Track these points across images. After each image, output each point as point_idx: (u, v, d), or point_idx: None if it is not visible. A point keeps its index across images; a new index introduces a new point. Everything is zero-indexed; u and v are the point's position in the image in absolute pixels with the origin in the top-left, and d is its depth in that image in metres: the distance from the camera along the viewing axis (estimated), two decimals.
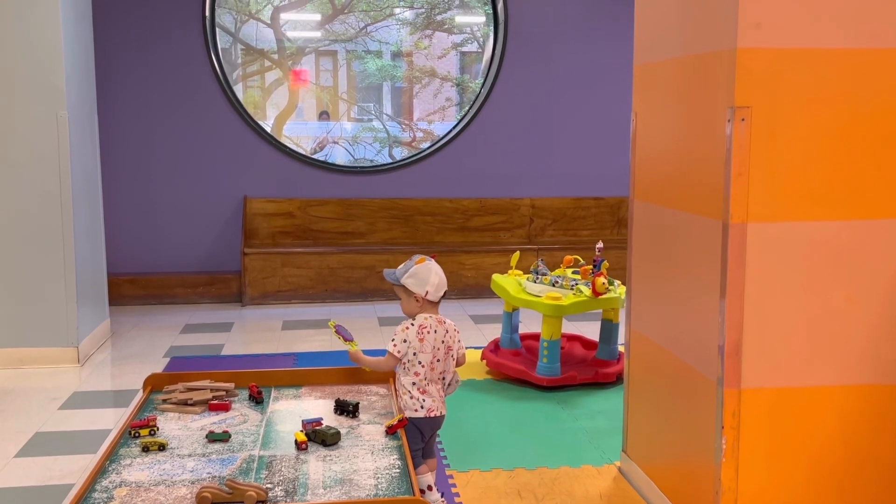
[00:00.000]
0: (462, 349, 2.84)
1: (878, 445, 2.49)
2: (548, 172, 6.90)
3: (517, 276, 4.68)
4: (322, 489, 2.27)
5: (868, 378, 2.46)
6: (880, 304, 2.44)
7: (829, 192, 2.40)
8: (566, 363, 4.42)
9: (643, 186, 3.10)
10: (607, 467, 3.30)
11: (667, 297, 2.88)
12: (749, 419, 2.43)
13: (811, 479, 2.48)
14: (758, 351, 2.42)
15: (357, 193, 6.72)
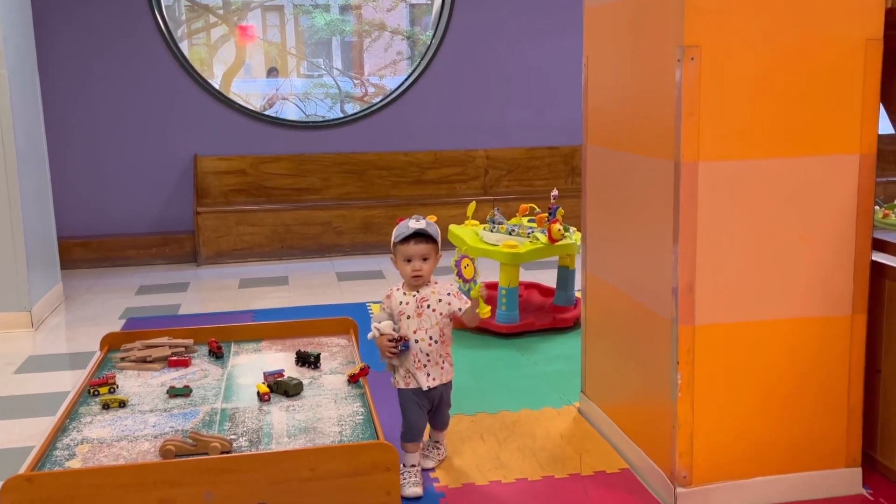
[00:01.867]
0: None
1: (827, 375, 2.57)
2: (501, 123, 6.90)
3: (474, 226, 4.70)
4: (286, 438, 2.29)
5: (817, 311, 2.53)
6: (828, 238, 2.51)
7: (778, 129, 2.44)
8: (524, 310, 4.47)
9: (596, 131, 3.12)
10: (567, 408, 3.37)
11: (621, 239, 2.91)
12: (703, 355, 2.49)
13: (763, 410, 2.55)
14: (711, 288, 2.47)
15: (310, 149, 6.66)
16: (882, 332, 2.67)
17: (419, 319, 2.56)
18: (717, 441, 2.54)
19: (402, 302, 2.57)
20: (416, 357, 2.56)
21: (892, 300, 2.62)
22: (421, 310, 2.56)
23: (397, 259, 2.58)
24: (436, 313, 2.57)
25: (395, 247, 2.57)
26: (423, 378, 2.58)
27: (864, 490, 2.63)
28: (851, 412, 2.60)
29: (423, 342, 2.56)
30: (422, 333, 2.56)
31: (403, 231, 2.54)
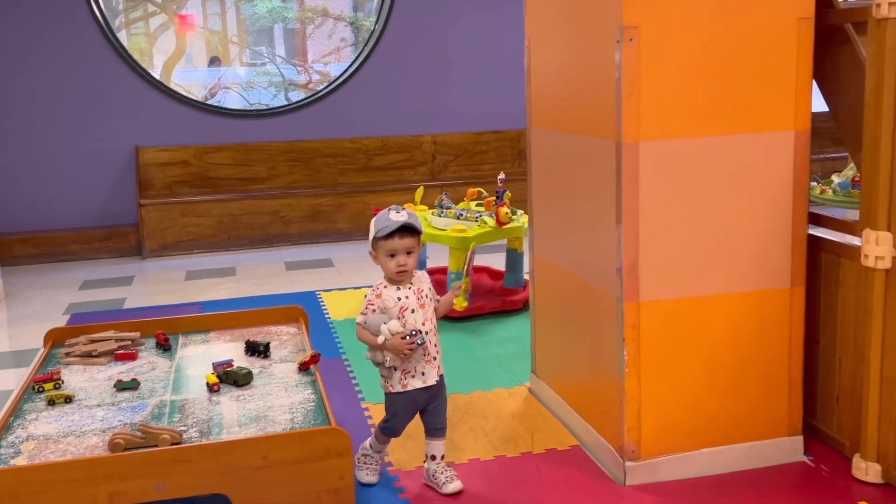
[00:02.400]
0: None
1: (768, 347, 2.64)
2: (448, 108, 6.91)
3: (422, 211, 4.71)
4: (237, 427, 2.28)
5: (757, 284, 2.60)
6: (766, 214, 2.57)
7: (716, 108, 2.49)
8: (474, 294, 4.50)
9: (539, 114, 3.15)
10: (518, 389, 3.40)
11: (567, 220, 2.95)
12: (648, 331, 2.54)
13: (708, 383, 2.61)
14: (654, 266, 2.52)
15: (254, 138, 6.59)
16: (820, 303, 2.75)
17: (423, 311, 2.45)
18: (663, 415, 2.59)
19: (401, 297, 2.42)
20: (427, 350, 2.45)
21: (829, 272, 2.70)
22: (422, 300, 2.46)
23: (378, 254, 2.42)
24: (432, 302, 2.50)
25: (377, 242, 2.39)
26: (433, 371, 2.48)
27: (805, 457, 2.71)
28: (792, 382, 2.67)
29: (432, 333, 2.47)
30: (429, 325, 2.47)
31: (386, 225, 2.37)
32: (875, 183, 2.41)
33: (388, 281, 2.44)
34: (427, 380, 2.46)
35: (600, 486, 2.60)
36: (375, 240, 2.40)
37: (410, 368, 2.44)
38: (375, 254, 2.43)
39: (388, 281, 2.44)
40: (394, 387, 2.47)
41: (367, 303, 2.44)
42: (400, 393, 2.47)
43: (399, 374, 2.44)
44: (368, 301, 2.44)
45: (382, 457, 2.64)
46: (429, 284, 2.49)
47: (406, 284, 2.44)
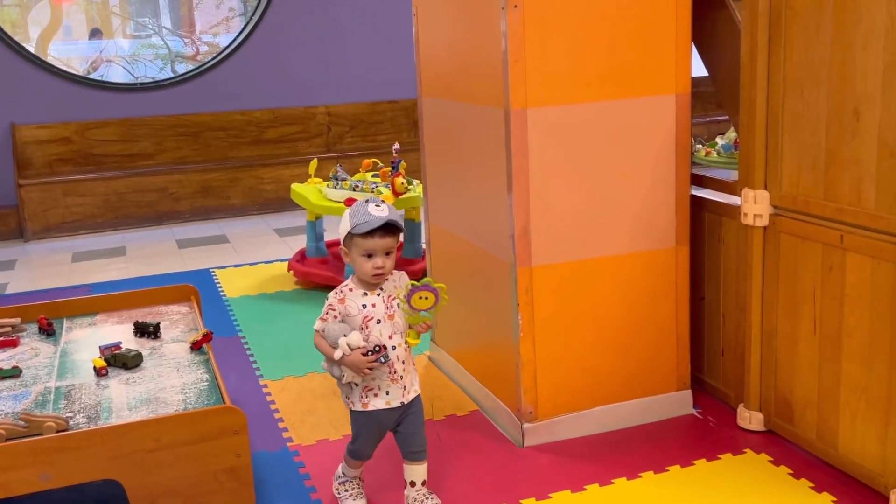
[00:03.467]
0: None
1: (656, 306, 2.72)
2: (341, 78, 6.81)
3: (317, 184, 4.64)
4: (127, 411, 2.21)
5: (644, 245, 2.67)
6: (651, 176, 2.63)
7: (600, 73, 2.53)
8: None
9: (429, 82, 3.14)
10: (418, 358, 3.41)
11: (460, 188, 2.96)
12: (541, 295, 2.58)
13: (599, 342, 2.68)
14: (545, 231, 2.55)
15: (140, 112, 6.35)
16: (704, 261, 2.85)
17: (391, 323, 2.11)
18: (558, 376, 2.65)
19: (367, 305, 2.10)
20: (392, 368, 2.12)
21: (712, 231, 2.80)
22: (392, 310, 2.11)
23: (352, 253, 2.11)
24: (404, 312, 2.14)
25: (352, 239, 2.08)
26: (398, 392, 2.14)
27: (693, 410, 2.82)
28: (680, 339, 2.77)
29: (400, 348, 2.12)
30: (397, 338, 2.12)
31: (366, 220, 2.05)
32: (752, 144, 2.50)
33: (356, 283, 2.13)
34: (391, 401, 2.14)
35: (500, 448, 2.65)
36: (351, 235, 2.08)
37: (373, 385, 2.12)
38: (347, 251, 2.12)
39: (358, 283, 2.13)
40: (354, 404, 2.16)
41: (327, 307, 2.13)
42: (361, 412, 2.16)
43: (360, 390, 2.13)
44: (329, 305, 2.13)
45: (361, 479, 2.36)
46: (405, 291, 2.10)
47: (375, 290, 2.12)
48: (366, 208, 2.07)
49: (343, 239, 2.13)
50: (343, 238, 2.13)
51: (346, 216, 2.12)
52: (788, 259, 2.45)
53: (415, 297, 2.05)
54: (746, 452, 2.54)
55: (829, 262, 2.30)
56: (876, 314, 2.17)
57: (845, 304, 2.26)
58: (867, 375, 2.22)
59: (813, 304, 2.37)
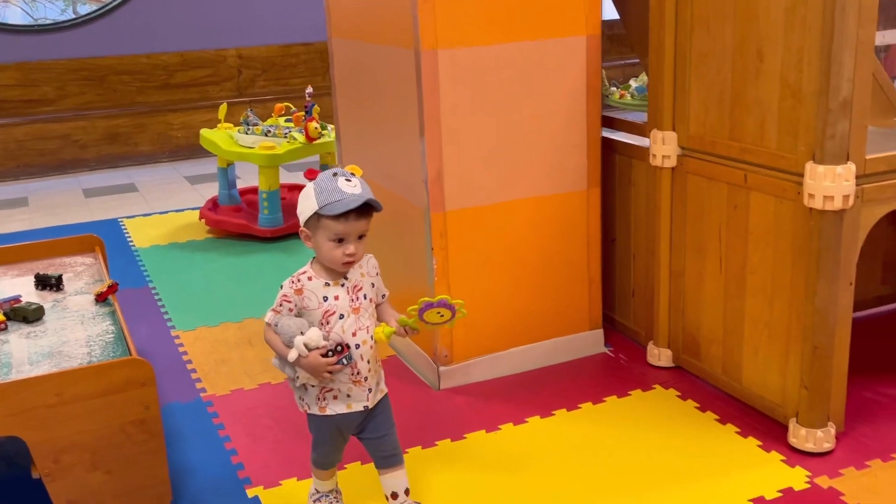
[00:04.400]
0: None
1: (569, 247, 2.75)
2: (253, 20, 6.59)
3: (227, 129, 4.52)
4: (28, 366, 2.13)
5: (556, 188, 2.68)
6: (562, 118, 2.64)
7: (510, 15, 2.50)
8: (289, 213, 4.40)
9: (339, 23, 3.06)
10: None
11: (373, 132, 2.91)
12: (455, 239, 2.58)
13: (514, 285, 2.70)
14: (458, 175, 2.54)
15: (40, 56, 6.05)
16: (615, 203, 2.89)
17: (357, 317, 1.82)
18: (474, 319, 2.66)
19: (329, 297, 1.80)
20: (356, 369, 1.83)
21: (623, 173, 2.83)
22: (357, 303, 1.83)
23: (317, 236, 1.77)
24: (371, 304, 1.87)
25: (320, 220, 1.74)
26: (362, 395, 1.86)
27: (606, 348, 2.88)
28: (592, 280, 2.81)
29: (366, 346, 1.83)
30: (363, 335, 1.82)
31: (339, 200, 1.72)
32: (660, 85, 2.51)
33: (317, 271, 1.81)
34: (352, 405, 1.86)
35: (417, 392, 2.66)
36: (318, 216, 1.74)
37: (332, 387, 1.84)
38: (310, 233, 1.79)
39: (319, 271, 1.81)
40: (309, 407, 1.88)
41: (281, 297, 1.82)
42: (318, 416, 1.89)
43: (316, 391, 1.85)
44: (283, 296, 1.81)
45: (338, 492, 2.08)
46: (373, 278, 1.88)
47: (339, 279, 1.81)
48: (335, 184, 1.73)
49: (305, 220, 1.77)
50: (305, 218, 1.77)
51: (309, 192, 1.76)
52: (695, 199, 2.49)
53: (430, 312, 1.80)
54: (655, 388, 2.61)
55: (733, 201, 2.35)
56: (778, 252, 2.23)
57: (749, 242, 2.32)
58: (769, 311, 2.30)
59: (718, 243, 2.43)
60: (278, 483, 2.21)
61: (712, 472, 2.17)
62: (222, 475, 2.26)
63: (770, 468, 2.18)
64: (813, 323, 2.15)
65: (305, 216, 1.77)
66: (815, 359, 2.17)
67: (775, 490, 2.08)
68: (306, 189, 1.77)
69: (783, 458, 2.21)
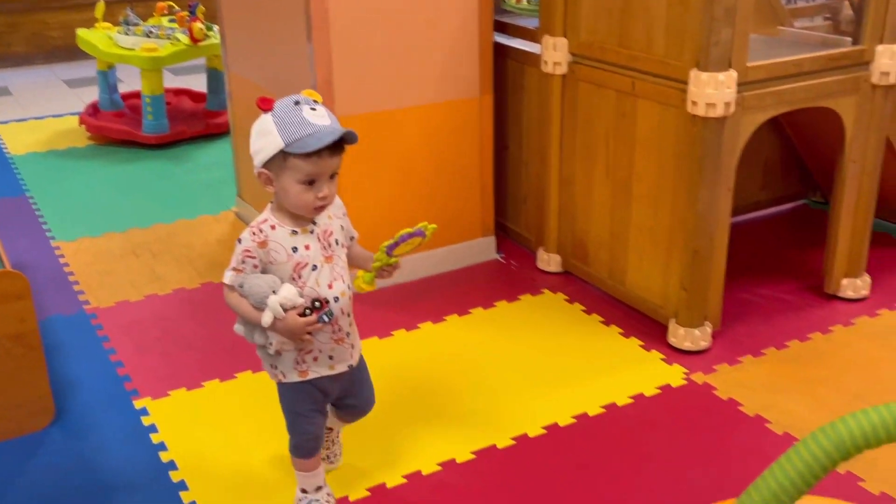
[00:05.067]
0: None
1: (460, 154, 2.74)
2: None
3: (106, 29, 4.27)
4: None
5: (448, 94, 2.65)
6: (454, 24, 2.59)
7: None
8: (175, 119, 4.23)
9: None
10: (224, 214, 3.31)
11: (259, 36, 2.80)
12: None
13: (406, 192, 2.68)
14: (348, 81, 2.48)
15: None
16: (507, 110, 2.88)
17: (331, 266, 1.58)
18: (365, 226, 2.60)
19: (299, 247, 1.54)
20: (336, 325, 1.60)
21: (515, 80, 2.82)
22: (330, 251, 1.58)
23: (281, 178, 1.51)
24: (343, 250, 1.63)
25: (286, 159, 1.49)
26: (344, 354, 1.64)
27: (497, 255, 2.92)
28: (484, 187, 2.82)
29: (344, 298, 1.59)
30: (340, 286, 1.58)
31: (309, 134, 1.47)
32: None
33: (281, 218, 1.56)
34: (335, 365, 1.64)
35: None
36: (285, 155, 1.48)
37: (312, 348, 1.61)
38: (272, 175, 1.52)
39: (283, 218, 1.56)
40: (286, 374, 1.62)
41: (242, 253, 1.54)
42: (294, 385, 1.63)
43: (293, 355, 1.61)
44: (245, 251, 1.54)
45: (330, 492, 1.78)
46: (340, 220, 1.64)
47: (306, 226, 1.57)
48: (300, 115, 1.48)
49: (266, 159, 1.50)
50: (266, 158, 1.50)
51: (267, 126, 1.49)
52: (585, 107, 2.51)
53: (402, 246, 1.61)
54: (544, 293, 2.67)
55: (621, 108, 2.38)
56: (662, 159, 2.28)
57: (635, 149, 2.37)
58: (653, 217, 2.36)
59: (606, 150, 2.47)
60: (166, 394, 2.18)
61: (596, 372, 2.26)
62: (108, 388, 2.21)
63: (650, 366, 2.28)
64: (693, 227, 2.22)
65: (266, 155, 1.50)
66: (694, 262, 2.25)
67: (654, 387, 2.18)
68: (262, 122, 1.51)
69: (663, 357, 2.31)
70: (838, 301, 2.56)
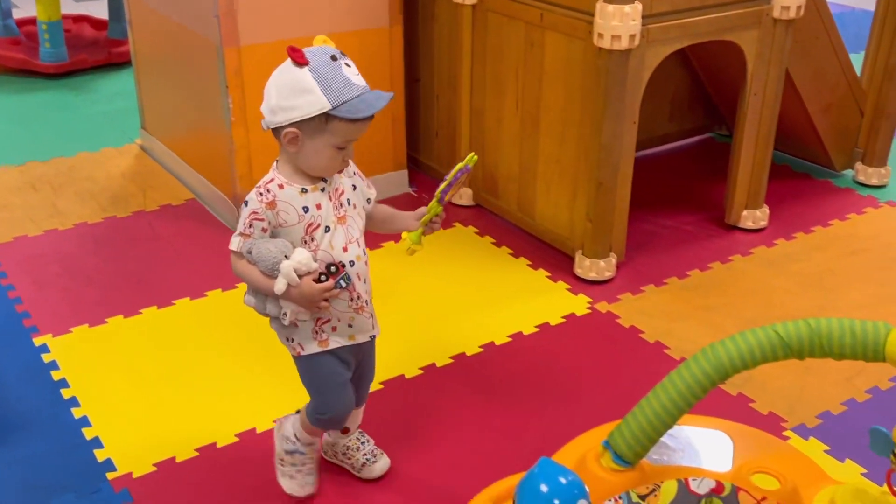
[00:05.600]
0: None
1: (368, 83, 2.69)
2: None
3: None
4: None
5: (358, 23, 2.59)
6: None
7: None
8: (75, 47, 4.04)
9: None
10: (128, 147, 3.21)
11: None
12: (252, 76, 2.46)
13: None
14: (253, 8, 2.40)
15: None
16: (419, 42, 2.85)
17: (345, 228, 1.46)
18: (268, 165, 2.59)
19: (310, 206, 1.42)
20: (354, 292, 1.47)
21: (425, 10, 2.77)
22: (343, 211, 1.46)
23: (315, 140, 1.37)
24: (356, 210, 1.49)
25: (328, 122, 1.35)
26: (366, 323, 1.52)
27: (410, 188, 2.91)
28: (395, 120, 2.80)
29: (360, 262, 1.48)
30: (355, 249, 1.46)
31: (357, 97, 1.36)
32: None
33: (289, 175, 1.42)
34: (356, 334, 1.52)
35: (217, 235, 2.60)
36: (328, 117, 1.35)
37: (329, 317, 1.48)
38: (301, 135, 1.37)
39: (293, 175, 1.42)
40: (304, 346, 1.49)
41: (249, 216, 1.40)
42: (316, 356, 1.50)
43: (311, 324, 1.47)
44: (252, 213, 1.40)
45: (315, 453, 1.66)
46: (352, 178, 1.50)
47: (317, 184, 1.43)
48: (341, 73, 1.35)
49: (301, 118, 1.35)
50: (302, 117, 1.35)
51: (305, 82, 1.34)
52: (494, 38, 2.49)
53: (453, 188, 1.46)
54: (455, 226, 2.69)
55: (530, 40, 2.37)
56: (569, 91, 2.30)
57: (544, 81, 2.37)
58: (560, 148, 2.38)
59: (516, 82, 2.47)
60: (68, 330, 2.13)
61: (504, 302, 2.30)
62: (6, 324, 2.15)
63: (556, 296, 2.33)
64: (598, 160, 2.25)
65: (302, 114, 1.34)
66: (599, 194, 2.29)
67: (559, 316, 2.23)
68: (295, 76, 1.34)
69: (568, 287, 2.36)
70: (738, 231, 2.65)
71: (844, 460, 1.76)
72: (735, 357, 1.08)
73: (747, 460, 1.18)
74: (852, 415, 1.89)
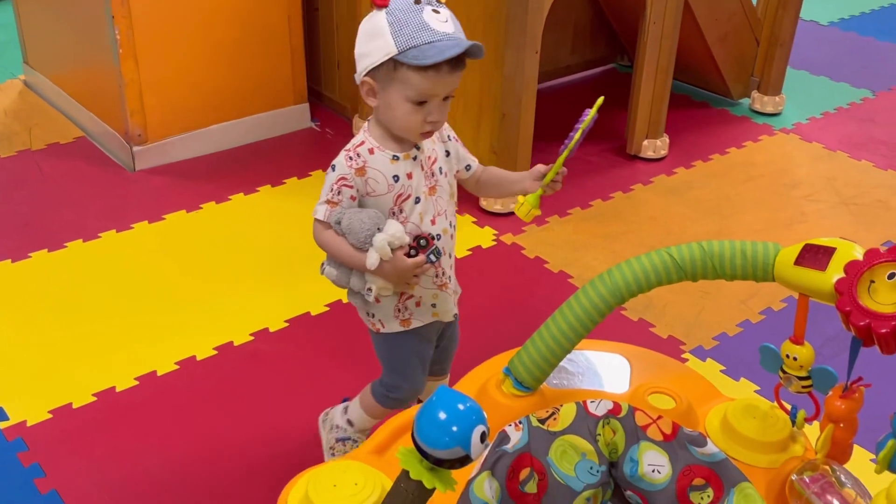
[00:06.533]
0: None
1: (266, 16, 2.60)
2: None
3: None
4: None
5: None
6: None
7: None
8: None
9: None
10: (11, 83, 3.03)
11: None
12: (140, 7, 2.34)
13: (209, 58, 2.54)
14: None
15: None
16: None
17: (434, 199, 1.33)
18: (167, 96, 2.49)
19: (400, 175, 1.29)
20: (440, 269, 1.37)
21: None
22: (433, 181, 1.33)
23: (388, 92, 1.24)
24: (447, 178, 1.37)
25: (397, 70, 1.21)
26: (449, 301, 1.42)
27: (312, 123, 2.85)
28: (294, 52, 2.71)
29: (447, 236, 1.36)
30: (442, 222, 1.35)
31: (429, 43, 1.19)
32: None
33: (380, 139, 1.29)
34: (440, 313, 1.41)
35: (109, 174, 2.50)
36: (395, 64, 1.20)
37: (413, 293, 1.37)
38: (377, 86, 1.25)
39: (383, 139, 1.29)
40: (385, 323, 1.39)
41: (337, 182, 1.28)
42: (398, 335, 1.40)
43: (394, 300, 1.37)
44: (341, 179, 1.28)
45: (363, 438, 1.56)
46: (447, 144, 1.37)
47: (409, 151, 1.30)
48: (419, 17, 1.20)
49: (372, 65, 1.22)
50: (373, 64, 1.22)
51: (378, 26, 1.20)
52: None
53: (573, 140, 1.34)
54: None
55: None
56: (471, 20, 2.26)
57: None
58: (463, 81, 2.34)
59: None
60: None
61: None
62: None
63: (462, 230, 2.31)
64: (501, 91, 2.24)
65: (373, 61, 1.22)
66: (502, 125, 2.28)
67: (465, 249, 2.23)
68: (373, 20, 1.21)
69: (474, 220, 2.36)
70: (640, 161, 2.69)
71: (739, 379, 1.83)
72: (630, 281, 1.10)
73: (644, 381, 1.20)
74: (747, 336, 1.97)
